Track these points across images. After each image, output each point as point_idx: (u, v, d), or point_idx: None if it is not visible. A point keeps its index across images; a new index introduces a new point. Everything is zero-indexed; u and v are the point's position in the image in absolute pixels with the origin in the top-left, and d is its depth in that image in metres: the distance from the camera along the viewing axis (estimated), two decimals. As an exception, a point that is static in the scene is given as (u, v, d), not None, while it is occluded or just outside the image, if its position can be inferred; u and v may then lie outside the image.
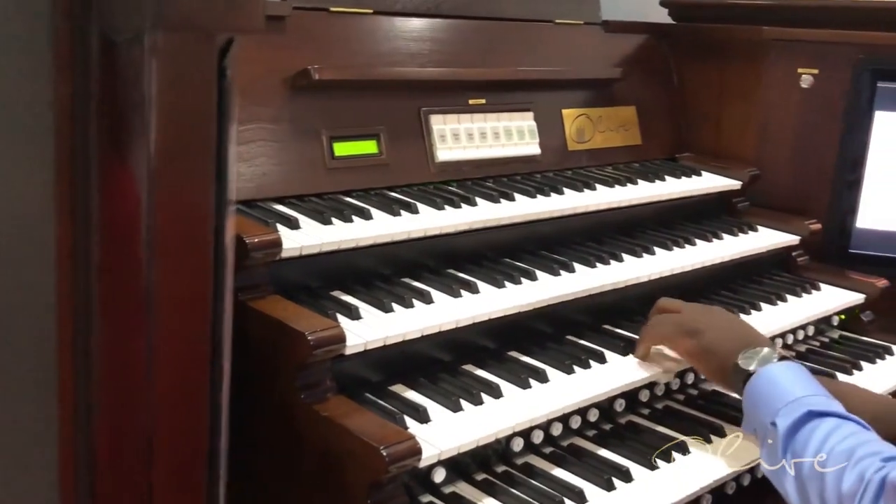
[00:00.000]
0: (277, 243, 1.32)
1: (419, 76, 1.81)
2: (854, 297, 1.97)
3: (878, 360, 1.86)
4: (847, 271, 2.07)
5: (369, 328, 1.34)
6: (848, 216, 2.16)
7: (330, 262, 1.46)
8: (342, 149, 1.66)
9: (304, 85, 1.60)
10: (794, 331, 1.85)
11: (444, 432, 1.25)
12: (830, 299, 1.95)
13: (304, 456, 1.26)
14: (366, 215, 1.54)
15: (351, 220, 1.51)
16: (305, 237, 1.41)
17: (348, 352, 1.28)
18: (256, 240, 1.31)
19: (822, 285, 2.01)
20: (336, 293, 1.44)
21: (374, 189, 1.69)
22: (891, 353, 1.90)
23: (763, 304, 1.85)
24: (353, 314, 1.36)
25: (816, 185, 2.19)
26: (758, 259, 2.02)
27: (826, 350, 1.91)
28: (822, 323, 1.96)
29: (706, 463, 1.41)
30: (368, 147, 1.70)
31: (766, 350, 1.38)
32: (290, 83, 1.60)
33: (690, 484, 1.35)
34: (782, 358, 1.37)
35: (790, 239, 2.07)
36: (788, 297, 1.92)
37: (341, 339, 1.25)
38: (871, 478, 1.07)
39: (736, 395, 1.41)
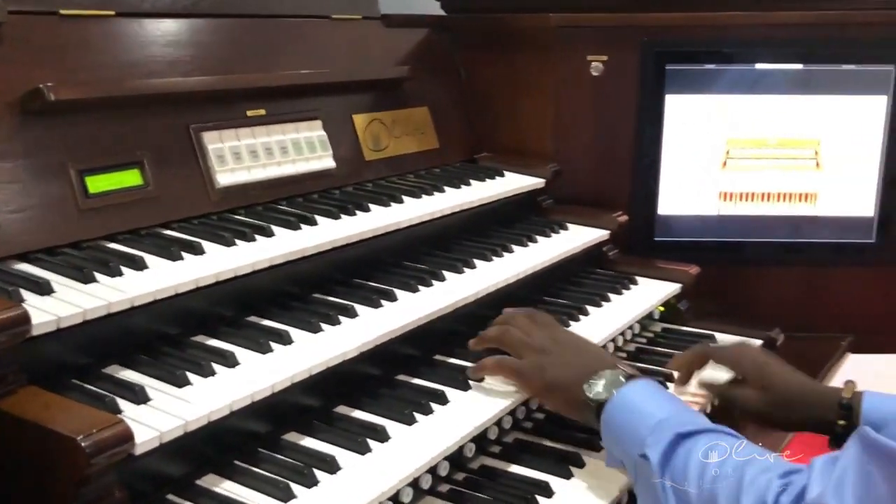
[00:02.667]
0: (23, 319, 0.99)
1: (183, 87, 1.51)
2: (671, 288, 1.92)
3: (704, 351, 1.81)
4: (658, 261, 2.01)
5: (163, 414, 1.04)
6: (649, 204, 2.12)
7: (102, 330, 1.15)
8: (98, 183, 1.34)
9: (37, 108, 1.27)
10: (622, 332, 1.75)
11: (278, 533, 1.00)
12: (650, 293, 1.88)
13: None
14: (139, 265, 1.23)
15: (120, 274, 1.20)
16: (63, 305, 1.09)
17: (140, 450, 0.98)
18: (-8, 320, 0.97)
19: (638, 279, 1.94)
20: (113, 369, 1.13)
21: (145, 229, 1.38)
22: (714, 342, 1.86)
23: (589, 308, 1.74)
24: (140, 396, 1.07)
25: (617, 176, 2.13)
26: (572, 258, 1.91)
27: (653, 346, 1.84)
28: (645, 318, 1.88)
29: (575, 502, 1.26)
30: (130, 178, 1.39)
31: (608, 373, 1.25)
32: (20, 107, 1.26)
33: (563, 533, 1.18)
34: (629, 377, 1.24)
35: (601, 234, 1.98)
36: (611, 295, 1.82)
37: (127, 437, 0.95)
38: (776, 501, 0.96)
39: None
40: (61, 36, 1.36)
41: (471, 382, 1.39)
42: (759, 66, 2.05)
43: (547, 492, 1.26)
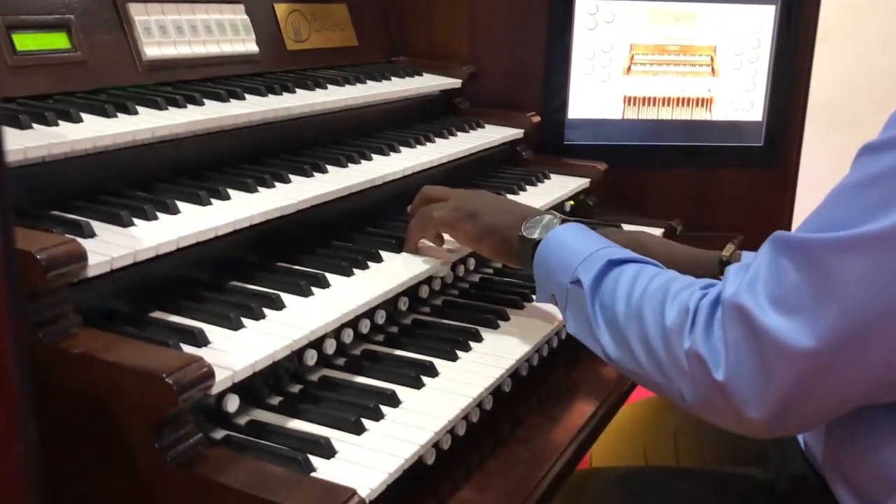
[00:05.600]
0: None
1: (107, -45, 1.49)
2: (581, 182, 2.02)
3: (613, 237, 1.93)
4: (568, 160, 2.12)
5: (111, 245, 1.06)
6: (560, 108, 2.22)
7: (38, 179, 1.15)
8: (25, 42, 1.32)
9: (-37, -45, 1.24)
10: (538, 217, 1.84)
11: (231, 353, 1.04)
12: (563, 184, 1.98)
13: (61, 404, 0.96)
14: (73, 118, 1.24)
15: (56, 124, 1.21)
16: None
17: (92, 273, 1.00)
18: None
19: (551, 175, 2.04)
20: (57, 213, 1.14)
21: (76, 93, 1.38)
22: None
23: (508, 196, 1.82)
24: (86, 231, 1.08)
25: (529, 80, 2.21)
26: (490, 155, 1.99)
27: (565, 234, 1.94)
28: (558, 211, 1.98)
29: (502, 346, 1.34)
30: (58, 41, 1.37)
31: (546, 217, 1.32)
32: (-57, -46, 1.23)
33: (494, 369, 1.26)
34: (563, 221, 1.31)
35: (516, 132, 2.06)
36: (527, 186, 1.91)
37: (81, 255, 0.97)
38: (697, 305, 1.02)
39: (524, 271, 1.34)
40: None
41: (403, 247, 1.45)
42: (661, -26, 2.16)
43: (477, 337, 1.34)
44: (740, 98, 2.25)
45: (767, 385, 0.94)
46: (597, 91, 2.21)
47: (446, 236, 1.45)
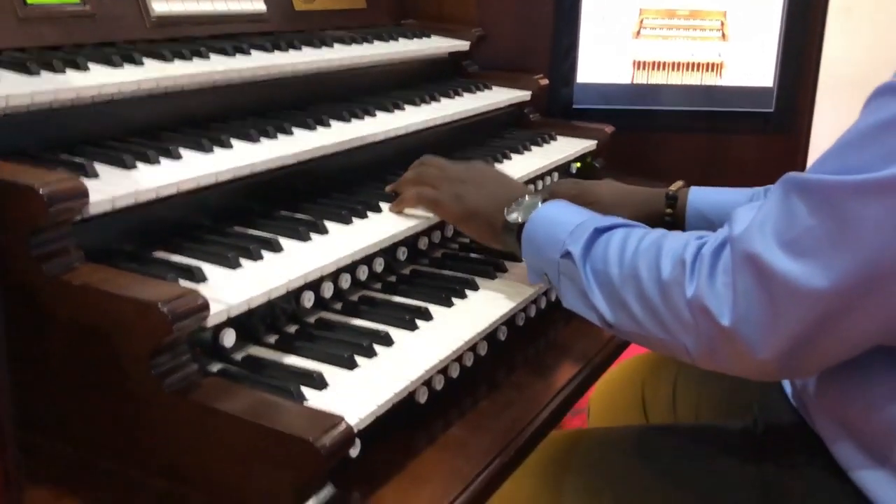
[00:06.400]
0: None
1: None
2: (588, 144, 2.03)
3: (617, 198, 1.94)
4: (575, 122, 2.13)
5: (113, 186, 1.10)
6: (569, 72, 2.22)
7: (41, 122, 1.19)
8: (35, -6, 1.35)
9: None
10: (542, 176, 1.86)
11: (228, 289, 1.07)
12: (569, 146, 1.99)
13: (62, 335, 1.00)
14: (80, 67, 1.27)
15: (63, 72, 1.24)
16: (8, 87, 1.12)
17: (94, 210, 1.04)
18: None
19: (557, 136, 2.05)
20: (65, 157, 1.17)
21: (85, 45, 1.41)
22: (627, 191, 1.98)
23: (512, 154, 1.84)
24: (89, 172, 1.12)
25: (538, 44, 2.22)
26: (495, 117, 2.00)
27: (570, 195, 1.95)
28: (563, 173, 1.99)
29: (498, 296, 1.36)
30: (67, -5, 1.41)
31: (527, 199, 1.30)
32: None
33: (488, 316, 1.29)
34: (545, 200, 1.30)
35: (523, 94, 2.08)
36: (532, 147, 1.93)
37: (82, 192, 1.00)
38: (696, 254, 1.01)
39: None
40: None
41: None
42: (671, -63, 2.16)
43: (473, 286, 1.37)
44: (751, 63, 2.24)
45: (776, 326, 0.93)
46: (606, 55, 2.21)
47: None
